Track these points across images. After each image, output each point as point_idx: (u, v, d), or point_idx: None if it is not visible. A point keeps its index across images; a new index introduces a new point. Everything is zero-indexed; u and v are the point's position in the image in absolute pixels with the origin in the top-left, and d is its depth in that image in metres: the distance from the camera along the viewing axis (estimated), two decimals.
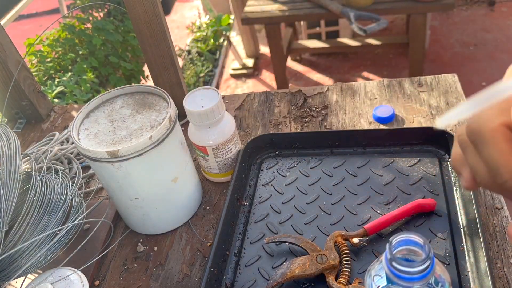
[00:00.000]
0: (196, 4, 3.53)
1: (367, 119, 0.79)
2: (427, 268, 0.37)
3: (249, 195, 0.70)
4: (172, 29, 3.37)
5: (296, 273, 0.55)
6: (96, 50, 2.04)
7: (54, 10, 3.75)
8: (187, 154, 0.66)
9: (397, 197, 0.64)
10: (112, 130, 0.61)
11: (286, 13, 2.07)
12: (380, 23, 1.86)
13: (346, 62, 2.66)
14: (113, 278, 0.64)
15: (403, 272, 0.37)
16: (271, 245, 0.62)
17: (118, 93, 0.67)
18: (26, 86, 0.92)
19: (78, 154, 0.84)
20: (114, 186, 0.62)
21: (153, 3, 0.73)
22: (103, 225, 0.69)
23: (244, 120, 0.86)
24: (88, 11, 2.19)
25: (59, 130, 0.94)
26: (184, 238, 0.67)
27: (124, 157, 0.57)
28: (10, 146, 0.61)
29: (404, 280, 0.37)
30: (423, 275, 0.37)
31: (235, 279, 0.59)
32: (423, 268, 0.37)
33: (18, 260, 0.55)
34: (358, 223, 0.62)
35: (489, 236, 0.58)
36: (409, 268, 0.37)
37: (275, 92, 0.91)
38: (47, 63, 1.94)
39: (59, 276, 0.54)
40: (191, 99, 0.68)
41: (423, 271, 0.37)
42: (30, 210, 0.58)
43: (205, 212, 0.71)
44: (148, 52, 0.80)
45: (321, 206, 0.66)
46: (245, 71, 2.77)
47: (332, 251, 0.57)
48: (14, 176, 0.58)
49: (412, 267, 0.37)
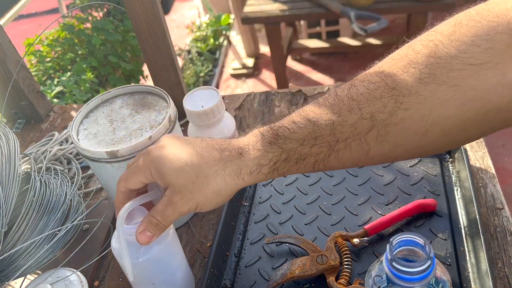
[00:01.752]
0: (196, 4, 3.53)
1: None
2: (427, 268, 0.37)
3: (249, 196, 0.70)
4: (172, 28, 3.37)
5: (296, 273, 0.55)
6: (96, 50, 2.03)
7: (53, 10, 3.74)
8: None
9: (398, 197, 0.64)
10: (112, 130, 0.61)
11: (286, 12, 2.07)
12: (381, 22, 1.86)
13: (346, 61, 2.66)
14: (112, 279, 0.64)
15: (403, 272, 0.37)
16: (271, 246, 0.62)
17: (117, 93, 0.67)
18: (26, 86, 0.91)
19: (78, 154, 0.84)
20: (113, 186, 0.61)
21: (153, 3, 0.73)
22: (103, 225, 0.69)
23: (244, 120, 0.86)
24: (87, 11, 2.19)
25: (59, 130, 0.94)
26: (184, 238, 0.67)
27: (123, 157, 0.57)
28: (9, 146, 0.61)
29: (405, 280, 0.37)
30: (423, 276, 0.37)
31: (235, 279, 0.59)
32: (424, 269, 0.36)
33: (18, 261, 0.55)
34: (358, 224, 0.62)
35: (490, 237, 0.58)
36: (409, 268, 0.36)
37: (275, 92, 0.91)
38: (47, 63, 1.94)
39: (59, 277, 0.54)
40: (191, 99, 0.67)
41: (424, 271, 0.37)
42: (29, 210, 0.57)
43: (205, 212, 0.71)
44: (148, 52, 0.80)
45: (321, 206, 0.65)
46: (245, 71, 2.77)
47: (332, 252, 0.57)
48: (13, 176, 0.57)
49: (413, 267, 0.36)
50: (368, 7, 1.95)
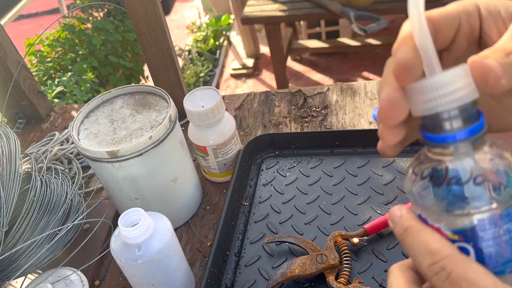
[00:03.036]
0: (196, 4, 3.53)
1: (367, 119, 0.79)
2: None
3: (249, 195, 0.70)
4: (172, 29, 3.37)
5: (296, 273, 0.55)
6: (96, 50, 2.04)
7: (54, 10, 3.75)
8: (187, 154, 0.66)
9: (397, 197, 0.64)
10: (112, 130, 0.61)
11: (286, 13, 2.07)
12: (380, 23, 1.86)
13: (346, 62, 2.66)
14: (113, 278, 0.64)
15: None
16: (271, 245, 0.62)
17: (118, 93, 0.67)
18: (26, 86, 0.91)
19: (78, 154, 0.84)
20: (114, 186, 0.61)
21: (153, 3, 0.73)
22: (103, 225, 0.69)
23: (244, 120, 0.86)
24: (88, 11, 2.19)
25: (59, 130, 0.94)
26: (184, 238, 0.67)
27: (124, 157, 0.57)
28: (10, 146, 0.61)
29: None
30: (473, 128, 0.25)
31: (235, 279, 0.59)
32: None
33: (18, 260, 0.55)
34: (358, 223, 0.62)
35: None
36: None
37: (275, 92, 0.91)
38: (47, 63, 1.94)
39: (59, 276, 0.54)
40: (191, 99, 0.68)
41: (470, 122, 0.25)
42: (30, 210, 0.58)
43: (205, 212, 0.71)
44: (148, 52, 0.80)
45: (321, 206, 0.66)
46: (245, 71, 2.77)
47: (332, 251, 0.57)
48: (14, 176, 0.58)
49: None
50: (368, 7, 1.95)
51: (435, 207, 0.26)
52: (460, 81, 0.24)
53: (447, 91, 0.24)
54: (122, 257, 0.50)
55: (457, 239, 0.26)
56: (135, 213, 0.50)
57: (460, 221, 0.25)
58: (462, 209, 0.25)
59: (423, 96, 0.25)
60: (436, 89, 0.24)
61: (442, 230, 0.26)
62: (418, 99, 0.25)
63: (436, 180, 0.26)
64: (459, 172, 0.25)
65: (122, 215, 0.49)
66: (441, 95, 0.24)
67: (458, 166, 0.25)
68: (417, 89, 0.25)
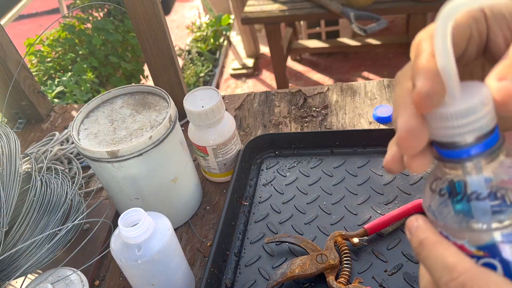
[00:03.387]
0: (196, 4, 3.53)
1: (367, 119, 0.79)
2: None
3: (249, 195, 0.70)
4: (172, 29, 3.37)
5: (296, 273, 0.55)
6: (96, 50, 2.04)
7: (54, 10, 3.75)
8: (187, 154, 0.66)
9: (397, 197, 0.64)
10: (112, 130, 0.61)
11: (286, 13, 2.07)
12: (380, 23, 1.86)
13: (346, 62, 2.66)
14: (113, 278, 0.64)
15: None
16: (271, 245, 0.62)
17: (118, 93, 0.67)
18: (26, 86, 0.91)
19: (78, 154, 0.84)
20: (114, 186, 0.62)
21: (153, 3, 0.73)
22: (103, 225, 0.69)
23: (244, 120, 0.86)
24: (88, 11, 2.19)
25: (59, 130, 0.94)
26: (184, 238, 0.67)
27: (124, 157, 0.57)
28: (10, 146, 0.61)
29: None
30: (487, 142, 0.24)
31: (235, 279, 0.59)
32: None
33: (18, 260, 0.55)
34: (358, 223, 0.62)
35: None
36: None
37: (275, 92, 0.91)
38: (47, 63, 1.94)
39: (59, 276, 0.54)
40: (191, 99, 0.68)
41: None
42: (30, 210, 0.58)
43: (205, 212, 0.71)
44: (148, 52, 0.80)
45: (321, 206, 0.66)
46: (245, 71, 2.78)
47: (332, 251, 0.57)
48: (14, 176, 0.58)
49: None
50: (368, 7, 1.95)
51: (456, 224, 0.25)
52: (481, 111, 0.24)
53: (468, 121, 0.24)
54: (122, 257, 0.50)
55: (482, 255, 0.25)
56: (135, 213, 0.50)
57: (484, 236, 0.24)
58: (485, 224, 0.24)
59: (443, 123, 0.24)
60: (457, 119, 0.24)
61: (465, 247, 0.25)
62: (437, 125, 0.24)
63: (455, 196, 0.25)
64: (478, 187, 0.24)
65: (122, 215, 0.49)
66: (461, 125, 0.24)
67: (477, 181, 0.25)
68: (437, 115, 0.24)
